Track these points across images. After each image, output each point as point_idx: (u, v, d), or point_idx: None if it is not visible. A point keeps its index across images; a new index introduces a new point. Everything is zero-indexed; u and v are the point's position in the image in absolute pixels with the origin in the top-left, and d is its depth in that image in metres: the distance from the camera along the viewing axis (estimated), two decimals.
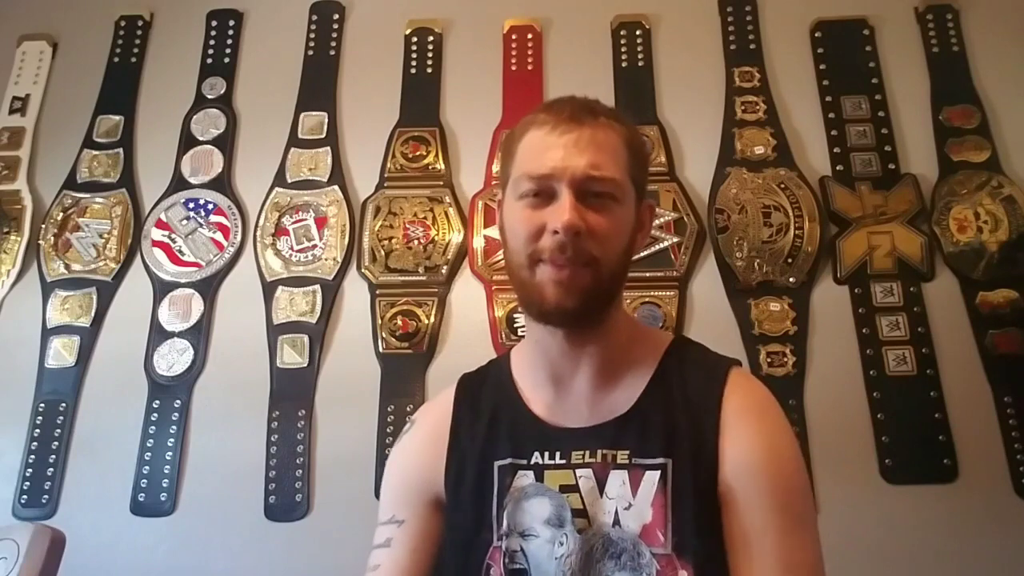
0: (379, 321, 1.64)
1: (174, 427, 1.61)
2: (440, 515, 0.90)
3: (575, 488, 0.82)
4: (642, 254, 1.64)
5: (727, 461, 0.80)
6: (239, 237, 1.74)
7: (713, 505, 0.80)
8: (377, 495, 1.04)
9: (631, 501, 0.81)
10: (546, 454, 0.85)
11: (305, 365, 1.63)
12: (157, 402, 1.63)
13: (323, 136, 1.81)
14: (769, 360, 1.56)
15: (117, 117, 1.87)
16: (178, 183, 1.80)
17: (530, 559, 0.81)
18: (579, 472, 0.83)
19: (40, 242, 1.77)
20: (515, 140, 0.88)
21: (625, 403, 0.87)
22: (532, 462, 0.85)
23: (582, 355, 0.87)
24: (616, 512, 0.81)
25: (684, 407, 0.85)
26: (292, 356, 1.64)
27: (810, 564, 0.77)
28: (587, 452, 0.84)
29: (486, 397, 0.94)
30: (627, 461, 0.83)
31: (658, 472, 0.81)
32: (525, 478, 0.85)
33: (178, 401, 1.63)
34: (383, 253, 1.69)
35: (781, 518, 0.78)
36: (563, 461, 0.84)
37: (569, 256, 0.80)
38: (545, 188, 0.82)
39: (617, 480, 0.82)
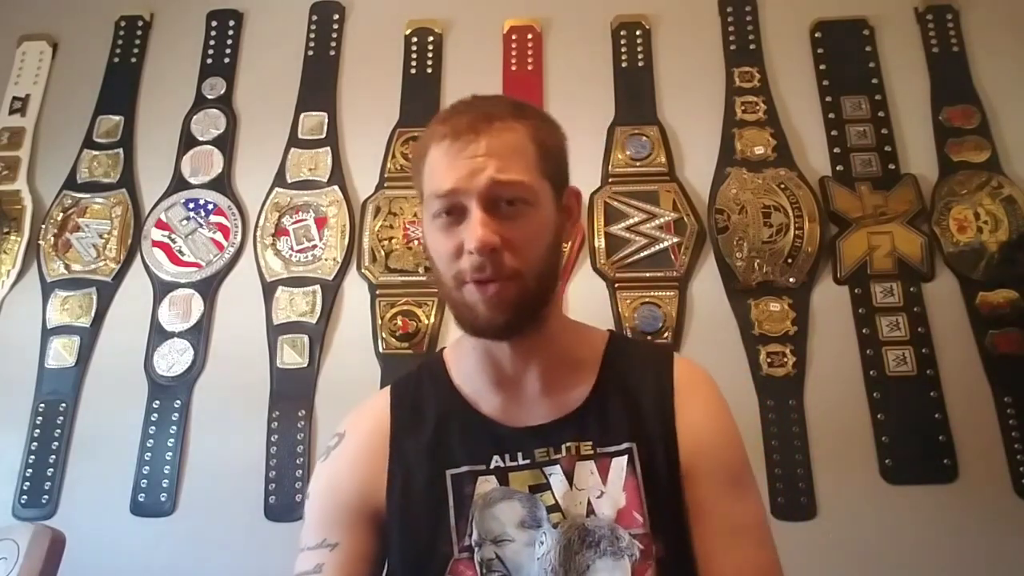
0: (379, 321, 1.64)
1: (174, 427, 1.61)
2: (377, 534, 0.85)
3: (546, 487, 0.82)
4: (642, 254, 1.64)
5: (685, 441, 0.85)
6: (239, 237, 1.74)
7: (678, 480, 0.83)
8: None
9: (603, 489, 0.82)
10: (507, 456, 0.84)
11: (305, 365, 1.63)
12: (157, 402, 1.63)
13: (323, 136, 1.81)
14: (769, 360, 1.56)
15: (117, 117, 1.87)
16: (178, 183, 1.80)
17: (508, 565, 0.80)
18: (547, 470, 0.83)
19: (40, 242, 1.77)
20: (421, 157, 0.85)
21: (579, 397, 0.87)
22: (493, 466, 0.84)
23: (530, 358, 0.87)
24: (589, 502, 0.82)
25: (639, 392, 0.87)
26: (292, 356, 1.64)
27: (758, 521, 0.85)
28: (551, 448, 0.84)
29: (427, 403, 0.90)
30: (591, 451, 0.84)
31: (625, 457, 0.83)
32: (487, 483, 0.83)
33: (178, 401, 1.63)
34: (383, 253, 1.69)
35: (733, 488, 0.84)
36: (527, 461, 0.84)
37: (489, 274, 0.78)
38: (454, 206, 0.79)
39: (585, 470, 0.83)
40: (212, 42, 1.93)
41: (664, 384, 0.88)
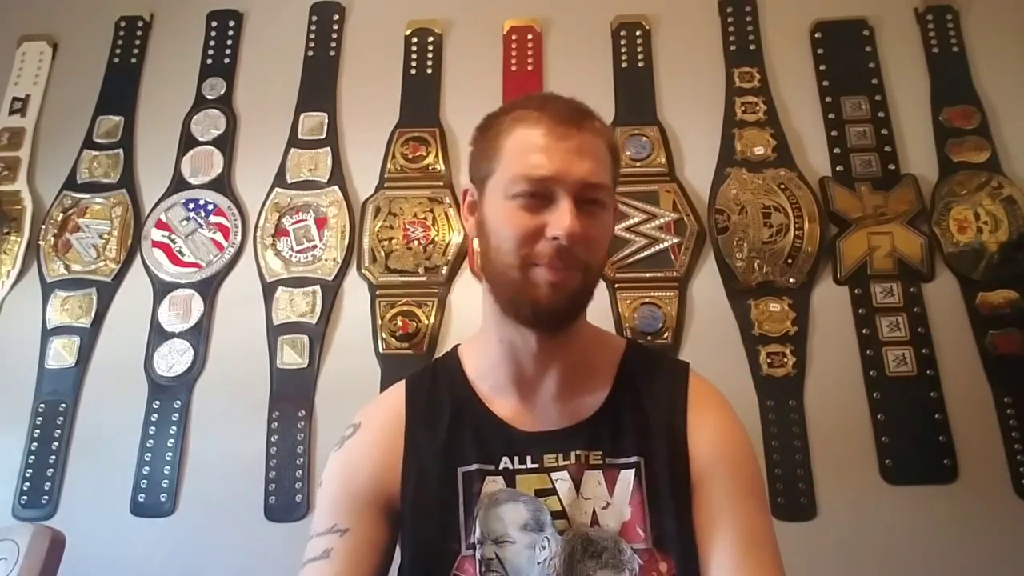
0: (379, 322, 1.64)
1: (174, 427, 1.61)
2: (388, 524, 0.86)
3: (552, 492, 0.83)
4: (642, 255, 1.64)
5: (697, 455, 0.85)
6: (239, 238, 1.74)
7: (687, 497, 0.83)
8: None
9: (609, 500, 0.82)
10: (516, 459, 0.85)
11: (305, 365, 1.63)
12: (157, 402, 1.63)
13: (323, 136, 1.81)
14: (769, 360, 1.56)
15: (117, 117, 1.87)
16: (178, 184, 1.80)
17: (507, 566, 0.80)
18: (554, 475, 0.83)
19: (40, 243, 1.77)
20: (500, 135, 0.85)
21: (593, 404, 0.88)
22: (501, 467, 0.84)
23: (552, 358, 0.87)
24: (594, 512, 0.82)
25: (652, 406, 0.87)
26: (292, 356, 1.64)
27: (770, 537, 0.84)
28: (560, 455, 0.84)
29: (441, 399, 0.90)
30: (601, 461, 0.84)
31: (632, 470, 0.83)
32: (495, 484, 0.83)
33: (178, 401, 1.63)
34: (383, 254, 1.69)
35: (746, 502, 0.84)
36: (535, 465, 0.84)
37: (565, 262, 0.80)
38: (543, 191, 0.80)
39: (593, 480, 0.83)
40: (212, 42, 1.93)
41: (678, 401, 0.88)
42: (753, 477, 0.87)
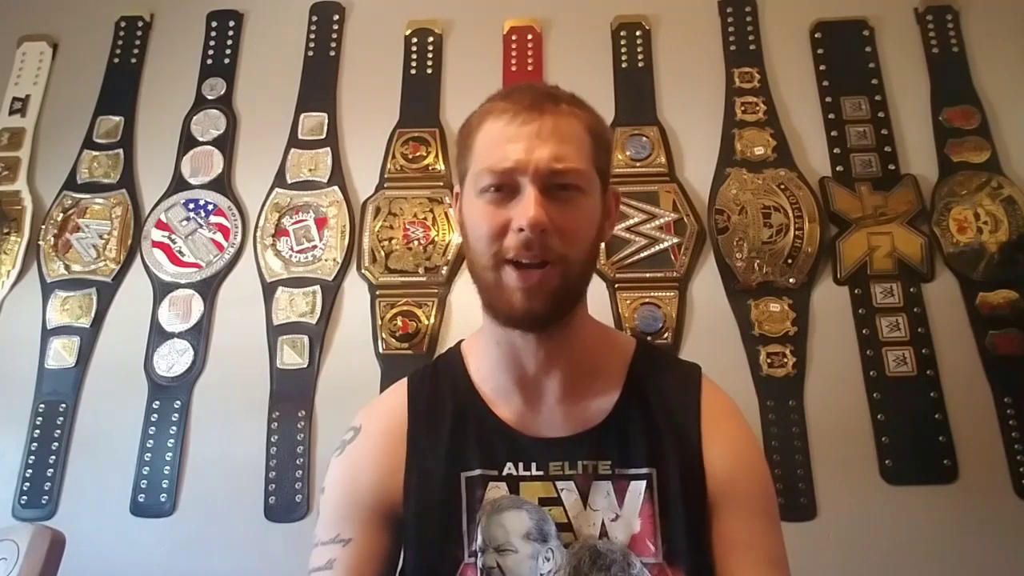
0: (379, 322, 1.64)
1: (174, 427, 1.61)
2: (391, 532, 0.83)
3: (557, 501, 0.80)
4: (642, 255, 1.64)
5: (712, 470, 0.81)
6: (239, 238, 1.74)
7: (701, 512, 0.80)
8: None
9: (618, 512, 0.80)
10: (520, 465, 0.82)
11: (305, 366, 1.63)
12: (157, 402, 1.63)
13: (323, 137, 1.81)
14: (769, 361, 1.56)
15: (117, 118, 1.87)
16: (178, 184, 1.80)
17: None
18: (560, 484, 0.81)
19: (40, 243, 1.77)
20: (472, 131, 0.83)
21: (601, 411, 0.84)
22: (505, 473, 0.81)
23: (554, 359, 0.84)
24: (603, 524, 0.79)
25: (663, 415, 0.84)
26: (292, 357, 1.64)
27: (785, 557, 0.82)
28: (566, 463, 0.81)
29: (444, 400, 0.87)
30: (610, 471, 0.81)
31: (644, 482, 0.80)
32: (498, 490, 0.81)
33: (178, 401, 1.63)
34: (383, 254, 1.69)
35: (762, 521, 0.81)
36: (540, 473, 0.81)
37: (535, 254, 0.75)
38: (507, 183, 0.77)
39: (601, 491, 0.80)
40: (212, 42, 1.93)
41: (691, 409, 0.84)
42: (767, 493, 0.84)
